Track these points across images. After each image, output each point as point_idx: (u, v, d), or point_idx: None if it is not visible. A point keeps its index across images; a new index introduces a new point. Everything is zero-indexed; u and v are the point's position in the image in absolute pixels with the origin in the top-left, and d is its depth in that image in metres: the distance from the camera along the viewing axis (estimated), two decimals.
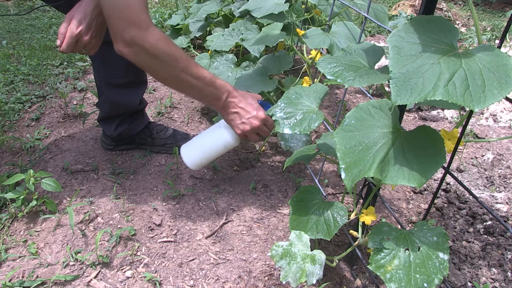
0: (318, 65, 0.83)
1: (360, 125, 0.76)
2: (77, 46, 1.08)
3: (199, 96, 1.12)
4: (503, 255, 1.19)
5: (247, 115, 1.12)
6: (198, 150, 1.22)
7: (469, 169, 1.61)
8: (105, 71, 1.39)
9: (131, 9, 0.94)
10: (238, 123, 1.13)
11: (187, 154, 1.22)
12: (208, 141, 1.22)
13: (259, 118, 1.12)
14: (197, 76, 1.06)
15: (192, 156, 1.22)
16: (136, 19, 0.95)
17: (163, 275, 1.09)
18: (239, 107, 1.12)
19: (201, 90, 1.08)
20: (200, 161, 1.23)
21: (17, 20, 2.99)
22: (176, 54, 1.02)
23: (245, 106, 1.12)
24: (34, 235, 1.19)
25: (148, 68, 1.04)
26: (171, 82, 1.08)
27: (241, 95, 1.14)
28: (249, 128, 1.13)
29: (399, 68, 0.62)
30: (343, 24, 1.29)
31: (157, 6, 3.41)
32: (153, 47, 0.98)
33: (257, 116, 1.12)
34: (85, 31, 1.05)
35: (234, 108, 1.12)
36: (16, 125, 1.71)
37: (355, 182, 0.71)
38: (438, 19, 0.68)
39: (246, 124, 1.12)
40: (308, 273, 0.82)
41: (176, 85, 1.10)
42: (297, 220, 0.97)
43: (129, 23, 0.95)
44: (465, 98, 0.57)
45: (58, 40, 1.07)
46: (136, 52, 0.99)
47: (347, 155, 0.73)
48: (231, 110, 1.12)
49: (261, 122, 1.13)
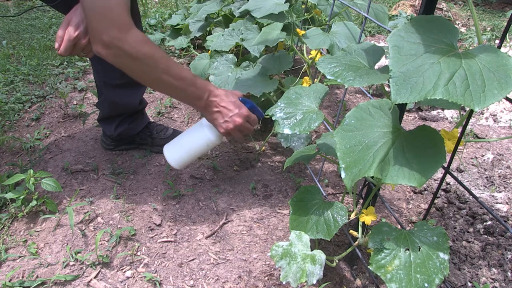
0: (318, 65, 0.83)
1: (360, 125, 0.76)
2: (75, 49, 1.08)
3: (181, 96, 1.12)
4: (503, 255, 1.19)
5: (230, 113, 1.12)
6: (181, 149, 1.22)
7: (469, 169, 1.61)
8: (104, 72, 1.39)
9: (112, 11, 0.94)
10: (221, 122, 1.13)
11: (170, 154, 1.22)
12: (191, 140, 1.21)
13: (241, 115, 1.12)
14: (178, 77, 1.06)
15: (176, 155, 1.21)
16: (117, 21, 0.95)
17: (163, 275, 1.09)
18: (221, 106, 1.12)
19: (183, 91, 1.08)
20: (184, 160, 1.22)
21: (17, 20, 2.99)
22: (156, 55, 1.02)
23: (227, 104, 1.12)
24: (34, 235, 1.19)
25: (128, 69, 1.04)
26: (152, 84, 1.08)
27: (223, 94, 1.13)
28: (232, 126, 1.13)
29: (399, 67, 0.62)
30: (343, 24, 1.29)
31: (157, 6, 3.41)
32: (133, 49, 0.97)
33: (240, 114, 1.12)
34: (83, 35, 1.05)
35: (216, 107, 1.12)
36: (16, 125, 1.71)
37: (355, 181, 0.71)
38: (438, 19, 0.68)
39: (229, 123, 1.12)
40: (308, 273, 0.82)
41: (157, 86, 1.10)
42: (297, 220, 0.97)
43: (109, 25, 0.95)
44: (465, 98, 0.57)
45: (56, 43, 1.07)
46: (115, 54, 0.98)
47: (347, 154, 0.73)
48: (213, 109, 1.12)
49: (243, 119, 1.13)
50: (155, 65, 1.02)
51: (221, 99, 1.12)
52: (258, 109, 1.20)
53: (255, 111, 1.19)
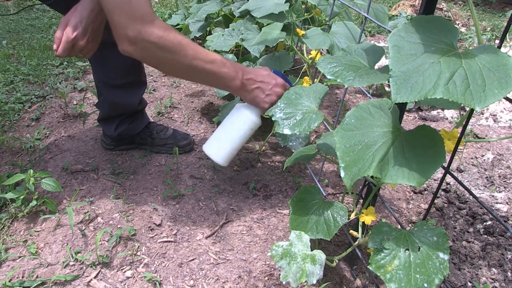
0: (318, 65, 0.83)
1: (360, 124, 0.76)
2: (73, 50, 1.07)
3: (214, 80, 1.08)
4: (503, 255, 1.19)
5: (269, 86, 1.09)
6: (225, 143, 1.16)
7: (469, 169, 1.61)
8: (103, 72, 1.39)
9: (132, 4, 0.90)
10: (263, 97, 1.10)
11: (215, 152, 1.16)
12: (233, 130, 1.16)
13: (280, 85, 1.11)
14: (208, 60, 1.02)
15: (221, 151, 1.16)
16: (139, 13, 0.91)
17: (163, 275, 1.09)
18: (259, 81, 1.09)
19: (216, 74, 1.04)
20: (230, 154, 1.18)
21: (17, 20, 2.99)
22: (183, 41, 0.98)
23: (264, 78, 1.09)
24: (34, 235, 1.19)
25: (158, 62, 1.01)
26: (183, 72, 1.05)
27: (255, 70, 1.11)
28: (276, 98, 1.09)
29: (399, 67, 0.62)
30: (343, 24, 1.29)
31: (157, 6, 3.41)
32: (160, 39, 0.94)
33: (278, 84, 1.10)
34: (81, 36, 1.04)
35: (254, 84, 1.08)
36: (16, 125, 1.71)
37: (355, 180, 0.71)
38: (438, 19, 0.68)
39: (272, 95, 1.09)
40: (308, 273, 0.82)
41: (189, 74, 1.06)
42: (297, 220, 0.97)
43: (132, 18, 0.91)
44: (465, 97, 0.57)
45: (55, 45, 1.06)
46: (144, 48, 0.95)
47: (346, 154, 0.73)
48: (251, 86, 1.08)
49: (283, 89, 1.11)
50: (184, 52, 0.99)
51: (256, 74, 1.09)
52: (287, 78, 1.18)
53: (286, 79, 1.17)
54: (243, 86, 1.09)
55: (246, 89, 1.09)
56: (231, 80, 1.07)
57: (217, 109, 1.87)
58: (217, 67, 1.04)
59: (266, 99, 1.10)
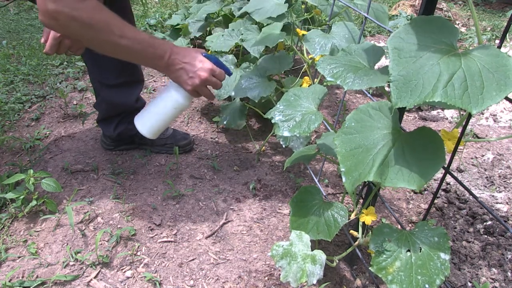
0: (318, 66, 0.83)
1: (360, 127, 0.76)
2: (61, 48, 1.07)
3: (141, 58, 1.08)
4: (503, 255, 1.19)
5: (194, 68, 1.07)
6: (151, 117, 1.19)
7: (469, 169, 1.61)
8: (98, 72, 1.39)
9: None
10: (185, 78, 1.09)
11: (141, 123, 1.19)
12: (159, 106, 1.18)
13: (205, 69, 1.08)
14: (136, 39, 1.01)
15: (146, 124, 1.18)
16: None
17: (163, 275, 1.09)
18: (184, 62, 1.07)
19: (142, 52, 1.04)
20: (155, 128, 1.19)
21: (17, 20, 2.99)
22: (112, 21, 0.97)
23: (189, 60, 1.08)
24: (34, 235, 1.19)
25: (81, 38, 0.99)
26: (109, 49, 1.03)
27: (184, 50, 1.09)
28: (198, 82, 1.08)
29: (399, 70, 0.62)
30: (343, 25, 1.29)
31: (157, 6, 3.41)
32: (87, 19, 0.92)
33: (204, 68, 1.08)
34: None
35: (178, 65, 1.07)
36: (16, 125, 1.71)
37: (356, 185, 0.71)
38: (438, 19, 0.68)
39: (195, 78, 1.08)
40: (308, 273, 0.82)
41: (115, 52, 1.04)
42: (297, 222, 0.97)
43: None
44: (463, 100, 0.57)
45: (42, 38, 1.06)
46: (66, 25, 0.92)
47: (347, 158, 0.73)
48: (175, 67, 1.08)
49: (209, 73, 1.09)
50: (110, 30, 0.97)
51: (183, 55, 1.08)
52: (224, 65, 1.16)
53: (221, 66, 1.15)
54: (167, 66, 1.08)
55: (170, 69, 1.08)
56: (157, 60, 1.06)
57: (217, 109, 1.87)
58: (143, 46, 1.03)
59: (189, 81, 1.09)
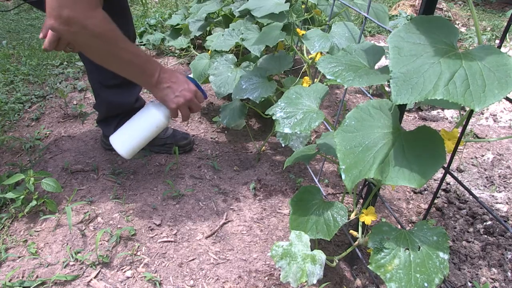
0: (318, 65, 0.83)
1: (360, 126, 0.76)
2: (60, 44, 1.07)
3: (136, 73, 1.11)
4: (503, 255, 1.19)
5: (180, 87, 1.14)
6: (130, 137, 1.20)
7: (469, 169, 1.61)
8: (98, 73, 1.39)
9: None
10: (171, 97, 1.14)
11: (120, 143, 1.20)
12: (139, 125, 1.20)
13: (190, 90, 1.15)
14: (136, 54, 1.06)
15: (126, 144, 1.20)
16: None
17: (163, 275, 1.09)
18: (171, 82, 1.13)
19: (139, 67, 1.08)
20: (134, 148, 1.22)
21: (17, 20, 2.99)
22: (118, 34, 1.01)
23: (176, 80, 1.14)
24: (34, 235, 1.19)
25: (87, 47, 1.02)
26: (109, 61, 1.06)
27: (171, 71, 1.16)
28: (183, 101, 1.15)
29: (399, 68, 0.62)
30: (343, 25, 1.29)
31: (157, 6, 3.41)
32: (99, 29, 0.95)
33: (189, 89, 1.15)
34: None
35: (166, 83, 1.13)
36: (16, 125, 1.71)
37: (356, 183, 0.71)
38: (438, 19, 0.68)
39: (180, 97, 1.14)
40: (308, 273, 0.82)
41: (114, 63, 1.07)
42: (297, 220, 0.97)
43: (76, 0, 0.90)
44: (465, 98, 0.57)
45: (41, 33, 1.06)
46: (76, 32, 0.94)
47: (347, 156, 0.73)
48: (164, 85, 1.13)
49: (193, 94, 1.16)
50: (116, 42, 1.01)
51: (170, 75, 1.14)
52: (202, 89, 1.24)
53: (201, 89, 1.23)
54: (157, 83, 1.12)
55: (159, 86, 1.13)
56: (150, 76, 1.11)
57: (217, 109, 1.87)
58: (142, 61, 1.08)
59: (175, 99, 1.14)
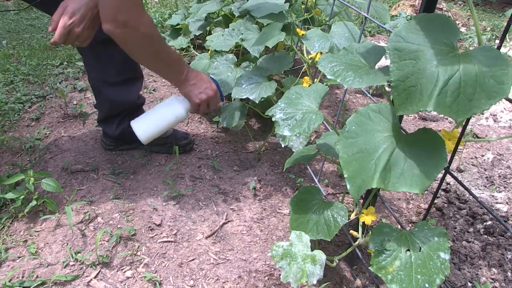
0: (319, 64, 0.83)
1: (361, 131, 0.76)
2: (69, 37, 1.08)
3: (168, 71, 1.22)
4: (503, 255, 1.19)
5: (204, 85, 1.26)
6: (151, 123, 1.30)
7: (469, 169, 1.61)
8: (101, 71, 1.38)
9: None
10: (196, 93, 1.25)
11: (141, 128, 1.28)
12: (161, 114, 1.30)
13: (213, 89, 1.28)
14: (171, 53, 1.18)
15: (146, 129, 1.29)
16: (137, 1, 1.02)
17: (163, 275, 1.09)
18: (197, 80, 1.25)
19: (172, 66, 1.20)
20: (153, 134, 1.30)
21: (17, 20, 2.99)
22: (159, 33, 1.13)
23: (201, 78, 1.27)
24: (34, 235, 1.19)
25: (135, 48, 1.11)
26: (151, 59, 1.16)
27: (196, 71, 1.28)
28: (205, 97, 1.26)
29: (400, 75, 0.63)
30: (343, 25, 1.29)
31: (157, 6, 3.41)
32: (147, 29, 1.06)
33: (211, 87, 1.28)
34: (78, 22, 1.06)
35: (192, 81, 1.25)
36: (16, 125, 1.71)
37: (361, 193, 0.71)
38: (440, 18, 0.68)
39: (203, 94, 1.26)
40: (308, 274, 0.82)
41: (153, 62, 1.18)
42: (297, 221, 0.97)
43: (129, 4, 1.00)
44: (451, 109, 0.59)
45: (50, 27, 1.06)
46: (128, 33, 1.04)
47: (349, 163, 0.73)
48: (190, 82, 1.24)
49: (214, 93, 1.28)
50: (158, 42, 1.12)
51: (197, 74, 1.27)
52: (221, 91, 1.35)
53: (220, 91, 1.33)
54: (185, 80, 1.24)
55: (186, 83, 1.24)
56: (180, 73, 1.22)
57: (217, 109, 1.87)
58: (175, 60, 1.20)
59: (198, 95, 1.26)
